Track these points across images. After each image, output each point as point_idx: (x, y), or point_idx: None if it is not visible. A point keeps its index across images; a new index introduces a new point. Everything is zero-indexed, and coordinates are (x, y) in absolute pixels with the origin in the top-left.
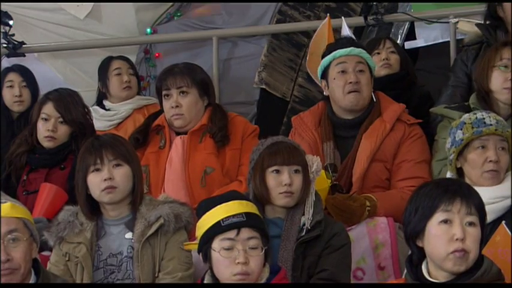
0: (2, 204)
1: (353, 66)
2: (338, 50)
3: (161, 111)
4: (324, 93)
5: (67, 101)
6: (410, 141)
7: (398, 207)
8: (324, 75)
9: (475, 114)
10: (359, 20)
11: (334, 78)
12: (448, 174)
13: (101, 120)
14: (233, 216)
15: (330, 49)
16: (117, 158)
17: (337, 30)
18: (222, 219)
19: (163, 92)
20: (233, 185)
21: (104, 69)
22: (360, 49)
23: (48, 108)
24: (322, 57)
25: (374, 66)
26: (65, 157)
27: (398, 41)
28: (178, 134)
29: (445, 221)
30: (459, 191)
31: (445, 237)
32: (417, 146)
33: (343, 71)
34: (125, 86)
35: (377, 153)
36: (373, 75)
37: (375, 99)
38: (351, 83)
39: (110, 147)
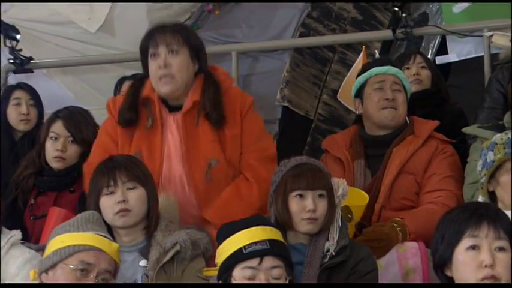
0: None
1: (390, 85)
2: (375, 68)
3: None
4: (357, 112)
5: (77, 120)
6: (442, 157)
7: (428, 222)
8: (359, 93)
9: (507, 134)
10: (387, 34)
11: (370, 94)
12: (480, 199)
13: None
14: (256, 243)
15: (366, 68)
16: (131, 179)
17: (365, 44)
18: (244, 246)
19: (150, 51)
20: (242, 185)
21: (116, 89)
22: (397, 69)
23: (58, 127)
24: (357, 76)
25: (410, 88)
26: (74, 179)
27: (429, 56)
28: (170, 110)
29: (473, 247)
30: (486, 214)
31: (473, 264)
32: (448, 162)
33: (379, 88)
34: None
35: (407, 164)
36: (408, 97)
37: (408, 122)
38: (387, 99)
39: (123, 168)
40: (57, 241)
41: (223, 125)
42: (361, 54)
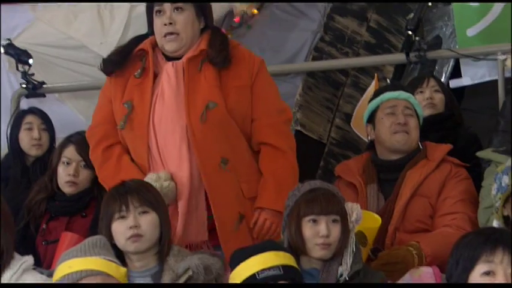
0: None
1: (402, 109)
2: (387, 93)
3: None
4: (369, 137)
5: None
6: (456, 180)
7: (444, 245)
8: (371, 119)
9: None
10: (400, 57)
11: (382, 118)
12: (495, 223)
13: None
14: (269, 268)
15: (377, 93)
16: (143, 204)
17: (378, 68)
18: (258, 272)
19: (156, 8)
20: (278, 159)
21: None
22: (408, 94)
23: (70, 152)
24: (369, 101)
25: (422, 113)
26: (86, 204)
27: (442, 79)
28: (168, 59)
29: (488, 273)
30: (501, 239)
31: None
32: (462, 186)
33: (391, 113)
34: None
35: (420, 187)
36: (420, 122)
37: (421, 147)
38: (399, 123)
39: (135, 193)
40: (65, 266)
41: (229, 68)
42: (373, 81)
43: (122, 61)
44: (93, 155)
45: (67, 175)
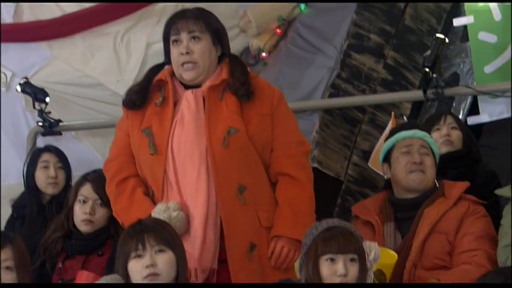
0: None
1: (417, 148)
2: (402, 132)
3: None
4: (385, 177)
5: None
6: (474, 217)
7: (464, 282)
8: (387, 158)
9: None
10: (418, 94)
11: (398, 158)
12: None
13: None
14: None
15: (393, 132)
16: (160, 243)
17: (395, 105)
18: None
19: (172, 38)
20: (295, 188)
21: None
22: (424, 133)
23: (86, 190)
24: (385, 140)
25: (438, 152)
26: (103, 242)
27: (460, 117)
28: (187, 88)
29: None
30: None
31: None
32: (480, 223)
33: (407, 152)
34: None
35: (438, 224)
36: (436, 161)
37: (437, 185)
38: (414, 163)
39: (152, 231)
40: None
41: (252, 99)
42: (390, 121)
43: (143, 100)
44: (108, 189)
45: (83, 213)
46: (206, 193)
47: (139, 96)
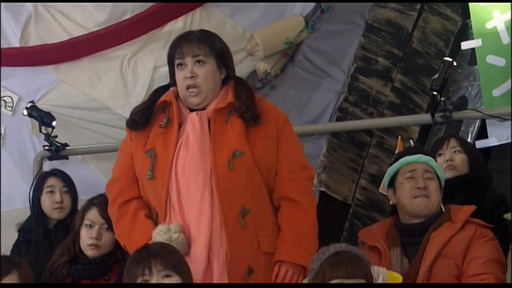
0: None
1: (421, 173)
2: (406, 157)
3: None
4: (390, 202)
5: None
6: (482, 241)
7: None
8: (391, 183)
9: None
10: (426, 118)
11: (402, 183)
12: None
13: None
14: None
15: (397, 157)
16: (166, 268)
17: (403, 128)
18: None
19: (177, 61)
20: (299, 213)
21: None
22: (428, 157)
23: (93, 214)
24: (390, 165)
25: (443, 176)
26: (109, 267)
27: (468, 140)
28: (192, 110)
29: None
30: None
31: None
32: (488, 246)
33: (411, 177)
34: None
35: (445, 248)
36: (442, 185)
37: (444, 210)
38: (419, 188)
39: (159, 256)
40: None
41: (256, 130)
42: (398, 145)
43: (146, 120)
44: (111, 211)
45: (90, 238)
46: (210, 215)
47: (143, 116)
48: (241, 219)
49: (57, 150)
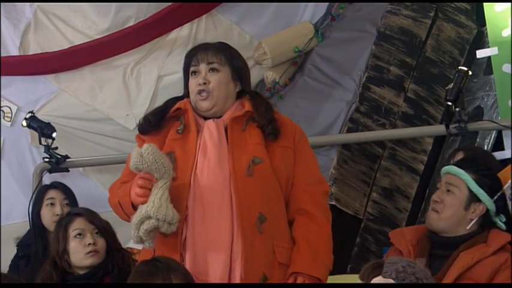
0: None
1: (443, 184)
2: (447, 167)
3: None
4: None
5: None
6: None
7: None
8: None
9: None
10: (440, 129)
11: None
12: None
13: None
14: None
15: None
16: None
17: (416, 140)
18: None
19: (191, 69)
20: (313, 226)
21: None
22: (457, 169)
23: (80, 223)
24: None
25: (476, 189)
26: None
27: None
28: (206, 119)
29: None
30: None
31: None
32: None
33: (438, 188)
34: None
35: (471, 270)
36: (473, 199)
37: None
38: (434, 200)
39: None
40: None
41: (275, 141)
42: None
43: (159, 122)
44: (112, 191)
45: (85, 246)
46: (230, 220)
47: (156, 119)
48: (259, 224)
49: (57, 163)
